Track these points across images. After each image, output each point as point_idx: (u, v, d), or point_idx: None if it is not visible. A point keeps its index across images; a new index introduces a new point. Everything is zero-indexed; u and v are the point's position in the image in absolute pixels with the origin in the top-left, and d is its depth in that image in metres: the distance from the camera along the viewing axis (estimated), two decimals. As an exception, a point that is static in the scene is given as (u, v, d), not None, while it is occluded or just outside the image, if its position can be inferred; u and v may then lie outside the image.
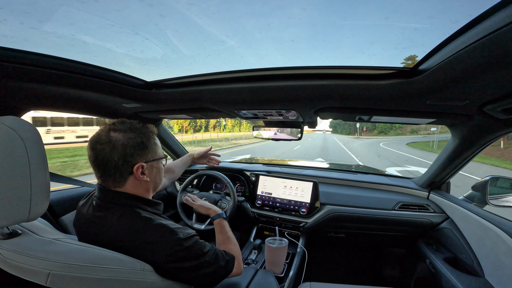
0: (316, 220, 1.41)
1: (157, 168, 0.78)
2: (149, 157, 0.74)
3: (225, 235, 0.93)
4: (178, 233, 0.68)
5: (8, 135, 0.52)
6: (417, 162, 10.87)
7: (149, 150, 0.74)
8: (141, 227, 0.66)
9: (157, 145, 0.78)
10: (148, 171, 0.74)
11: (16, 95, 0.90)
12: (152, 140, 0.75)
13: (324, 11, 52.64)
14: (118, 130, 0.69)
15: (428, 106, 0.82)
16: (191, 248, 0.68)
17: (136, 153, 0.70)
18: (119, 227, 0.66)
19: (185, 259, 0.67)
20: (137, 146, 0.70)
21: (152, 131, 0.78)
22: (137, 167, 0.70)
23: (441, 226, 1.28)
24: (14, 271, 0.55)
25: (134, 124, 0.74)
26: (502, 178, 1.19)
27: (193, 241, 0.70)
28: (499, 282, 0.90)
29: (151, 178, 0.76)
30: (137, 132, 0.72)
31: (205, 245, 0.74)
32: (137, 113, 1.36)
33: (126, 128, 0.71)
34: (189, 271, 0.69)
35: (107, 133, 0.68)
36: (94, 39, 10.61)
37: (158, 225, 0.67)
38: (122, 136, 0.69)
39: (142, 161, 0.71)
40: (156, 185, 0.81)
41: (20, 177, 0.53)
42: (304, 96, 0.88)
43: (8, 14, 0.91)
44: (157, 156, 0.77)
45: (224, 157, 2.44)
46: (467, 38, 0.49)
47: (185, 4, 4.78)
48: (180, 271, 0.67)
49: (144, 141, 0.72)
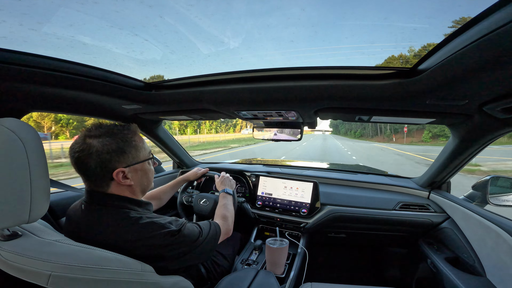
0: (317, 220, 1.41)
1: (143, 171, 0.76)
2: (130, 161, 0.72)
3: (221, 203, 1.09)
4: (169, 226, 0.69)
5: (8, 137, 0.52)
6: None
7: (129, 154, 0.71)
8: (130, 227, 0.66)
9: (139, 147, 0.75)
10: (131, 174, 0.72)
11: (15, 97, 0.90)
12: (132, 143, 0.73)
13: (323, 12, 52.78)
14: (93, 136, 0.67)
15: (428, 106, 0.82)
16: (186, 236, 0.72)
17: (113, 159, 0.68)
18: (108, 229, 0.66)
19: (180, 245, 0.70)
20: (113, 152, 0.68)
21: (134, 131, 0.75)
22: (116, 173, 0.68)
23: (442, 225, 1.28)
24: (15, 273, 0.54)
25: (112, 128, 0.71)
26: (503, 177, 1.19)
27: (186, 228, 0.73)
28: (501, 281, 0.90)
29: (136, 181, 0.74)
30: (114, 136, 0.69)
31: (194, 229, 0.78)
32: (137, 114, 1.36)
33: (101, 133, 0.69)
34: (186, 254, 0.72)
35: (83, 139, 0.67)
36: (94, 40, 10.63)
37: (148, 222, 0.67)
38: (97, 142, 0.67)
39: (122, 166, 0.69)
40: (144, 187, 0.79)
41: (20, 179, 0.53)
42: (303, 96, 0.88)
43: (7, 16, 0.91)
44: (140, 158, 0.75)
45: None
46: (466, 38, 0.49)
47: (184, 5, 4.77)
48: (179, 256, 0.70)
49: (121, 146, 0.69)
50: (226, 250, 1.22)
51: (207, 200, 1.37)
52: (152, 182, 0.83)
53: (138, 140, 0.75)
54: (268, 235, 1.53)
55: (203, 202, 1.37)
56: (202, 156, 13.28)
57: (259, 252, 1.30)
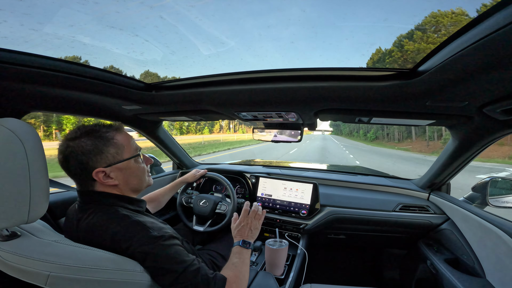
0: (317, 221, 1.41)
1: (128, 169, 0.74)
2: (111, 160, 0.70)
3: (236, 259, 0.79)
4: (153, 231, 0.64)
5: (7, 137, 0.52)
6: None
7: (107, 153, 0.69)
8: (116, 224, 0.65)
9: (120, 146, 0.72)
10: (114, 174, 0.71)
11: (15, 97, 0.90)
12: (111, 141, 0.71)
13: (323, 13, 52.86)
14: (71, 139, 0.68)
15: (428, 107, 0.82)
16: (166, 249, 0.63)
17: (91, 159, 0.67)
18: (99, 227, 0.65)
19: (158, 259, 0.61)
20: (89, 152, 0.67)
21: (116, 129, 0.73)
22: (95, 173, 0.68)
23: (441, 227, 1.28)
24: (14, 273, 0.54)
25: (91, 128, 0.70)
26: (503, 179, 1.19)
27: (170, 242, 0.65)
28: (500, 283, 0.89)
29: (121, 181, 0.73)
30: (91, 136, 0.68)
31: (187, 255, 0.66)
32: (137, 115, 1.36)
33: (79, 134, 0.68)
34: (162, 275, 0.61)
35: (64, 142, 0.68)
36: (94, 40, 10.63)
37: (135, 221, 0.66)
38: (74, 143, 0.67)
39: (102, 166, 0.68)
40: (133, 186, 0.77)
41: (20, 179, 0.53)
42: (303, 97, 0.88)
43: (8, 16, 0.91)
44: (123, 157, 0.72)
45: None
46: (466, 39, 0.49)
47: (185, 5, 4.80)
48: (155, 271, 0.62)
49: (99, 145, 0.68)
50: (225, 251, 1.22)
51: (207, 201, 1.37)
52: (144, 180, 0.80)
53: (121, 139, 0.73)
54: (267, 236, 1.53)
55: (203, 203, 1.37)
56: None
57: (259, 253, 1.30)
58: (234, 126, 61.04)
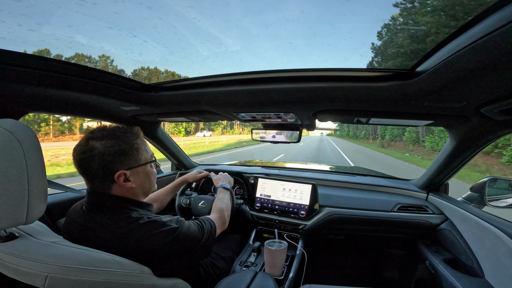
0: (315, 222, 1.41)
1: (144, 173, 0.77)
2: (132, 164, 0.72)
3: (218, 197, 1.13)
4: (170, 224, 0.70)
5: (5, 138, 0.52)
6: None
7: (131, 156, 0.72)
8: (131, 227, 0.66)
9: (141, 150, 0.75)
10: (133, 177, 0.73)
11: (13, 98, 0.89)
12: (134, 145, 0.73)
13: (322, 13, 53.05)
14: (96, 138, 0.68)
15: (426, 108, 0.82)
16: (187, 232, 0.73)
17: (115, 161, 0.68)
18: (109, 230, 0.66)
19: (182, 242, 0.70)
20: (115, 154, 0.68)
21: (136, 134, 0.76)
22: (118, 175, 0.69)
23: (440, 227, 1.28)
24: (12, 274, 0.54)
25: (114, 130, 0.72)
26: (500, 179, 1.19)
27: (186, 225, 0.74)
28: (499, 282, 0.90)
29: (137, 184, 0.75)
30: (116, 139, 0.70)
31: (194, 226, 0.78)
32: (136, 116, 1.36)
33: (104, 135, 0.69)
34: (188, 251, 0.72)
35: (86, 141, 0.68)
36: (92, 41, 10.57)
37: (149, 221, 0.68)
38: (100, 144, 0.67)
39: (124, 168, 0.70)
40: (146, 190, 0.80)
41: (18, 180, 0.53)
42: (302, 98, 0.88)
43: (6, 16, 0.91)
44: (142, 161, 0.75)
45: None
46: (463, 40, 0.49)
47: (183, 6, 4.73)
48: (181, 254, 0.71)
49: (123, 148, 0.70)
50: (224, 252, 1.21)
51: (205, 202, 1.36)
52: (154, 184, 0.84)
53: (140, 143, 0.76)
54: (266, 237, 1.53)
55: (201, 204, 1.37)
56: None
57: (258, 254, 1.30)
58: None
